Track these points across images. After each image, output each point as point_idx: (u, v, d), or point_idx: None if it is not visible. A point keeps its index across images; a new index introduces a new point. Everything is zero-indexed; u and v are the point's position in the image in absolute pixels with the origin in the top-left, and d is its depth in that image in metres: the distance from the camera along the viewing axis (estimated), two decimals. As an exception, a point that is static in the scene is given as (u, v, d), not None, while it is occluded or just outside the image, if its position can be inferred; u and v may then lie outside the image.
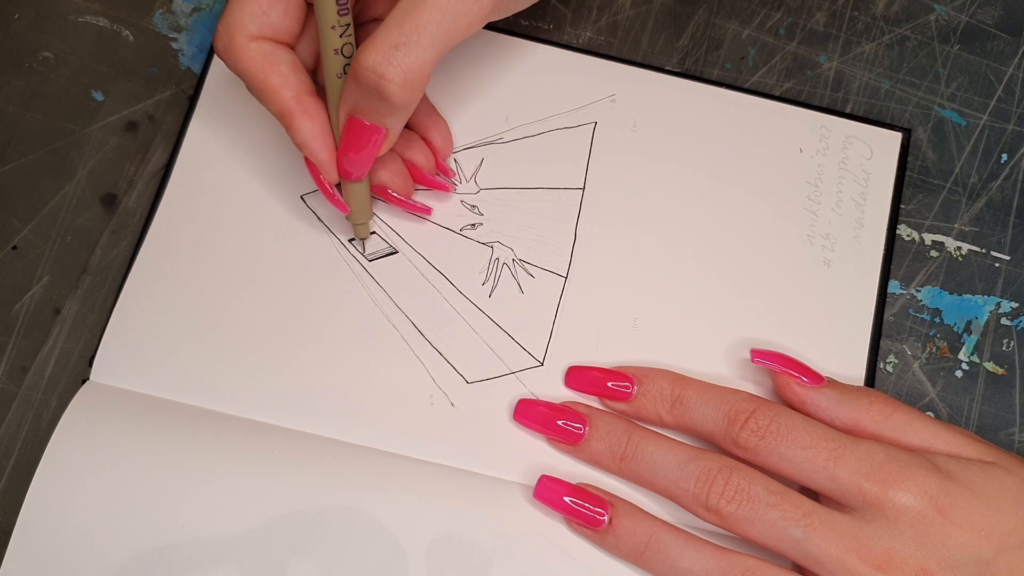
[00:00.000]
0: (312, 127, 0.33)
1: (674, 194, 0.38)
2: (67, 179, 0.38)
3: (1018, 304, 0.38)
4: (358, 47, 0.31)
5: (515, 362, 0.36)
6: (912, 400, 0.37)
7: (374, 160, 0.33)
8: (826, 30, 0.41)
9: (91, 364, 0.35)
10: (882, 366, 0.37)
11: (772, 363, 0.34)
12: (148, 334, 0.36)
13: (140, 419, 0.34)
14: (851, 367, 0.36)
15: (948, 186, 0.39)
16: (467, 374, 0.36)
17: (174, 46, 0.40)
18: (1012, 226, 0.39)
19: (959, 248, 0.39)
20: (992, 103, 0.40)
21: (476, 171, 0.39)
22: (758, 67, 0.40)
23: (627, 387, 0.35)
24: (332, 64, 0.32)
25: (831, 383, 0.34)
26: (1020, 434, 0.37)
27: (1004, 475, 0.31)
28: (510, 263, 0.37)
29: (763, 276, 0.37)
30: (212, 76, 0.39)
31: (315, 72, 0.35)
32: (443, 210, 0.38)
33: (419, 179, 0.37)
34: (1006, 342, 0.38)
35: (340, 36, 0.32)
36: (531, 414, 0.35)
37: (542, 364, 0.36)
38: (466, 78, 0.39)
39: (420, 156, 0.37)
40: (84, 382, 0.35)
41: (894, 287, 0.38)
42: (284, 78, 0.33)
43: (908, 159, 0.39)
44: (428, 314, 0.37)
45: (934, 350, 0.37)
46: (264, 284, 0.37)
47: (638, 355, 0.36)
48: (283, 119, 0.33)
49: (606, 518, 0.33)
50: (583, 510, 0.33)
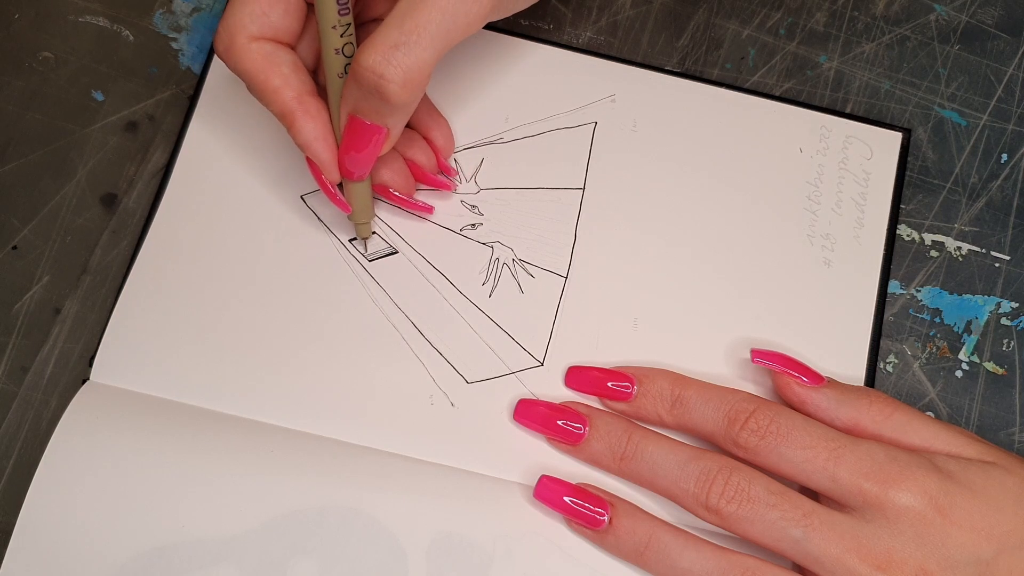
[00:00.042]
0: (314, 127, 0.33)
1: (674, 194, 0.38)
2: (67, 179, 0.38)
3: (1018, 304, 0.38)
4: (358, 47, 0.31)
5: (515, 362, 0.36)
6: (912, 400, 0.37)
7: (375, 159, 0.33)
8: (826, 30, 0.41)
9: (91, 364, 0.35)
10: (882, 366, 0.37)
11: (772, 363, 0.34)
12: (148, 334, 0.36)
13: (140, 419, 0.34)
14: (851, 367, 0.36)
15: (948, 186, 0.39)
16: (467, 374, 0.36)
17: (174, 46, 0.40)
18: (1012, 226, 0.39)
19: (959, 248, 0.39)
20: (992, 103, 0.40)
21: (476, 171, 0.39)
22: (758, 67, 0.40)
23: (627, 387, 0.35)
24: (333, 64, 0.32)
25: (831, 383, 0.34)
26: (1020, 434, 0.37)
27: (1004, 475, 0.31)
28: (510, 263, 0.37)
29: (763, 276, 0.37)
30: (212, 76, 0.39)
31: (316, 72, 0.35)
32: (443, 210, 0.38)
33: (421, 178, 0.37)
34: (1006, 342, 0.38)
35: (341, 36, 0.32)
36: (531, 414, 0.35)
37: (542, 364, 0.36)
38: (466, 78, 0.39)
39: (421, 155, 0.37)
40: (84, 382, 0.35)
41: (894, 287, 0.38)
42: (285, 78, 0.33)
43: (908, 159, 0.39)
44: (428, 314, 0.37)
45: (934, 350, 0.37)
46: (264, 284, 0.37)
47: (638, 355, 0.36)
48: (284, 119, 0.33)
49: (606, 518, 0.33)
50: (583, 510, 0.33)
